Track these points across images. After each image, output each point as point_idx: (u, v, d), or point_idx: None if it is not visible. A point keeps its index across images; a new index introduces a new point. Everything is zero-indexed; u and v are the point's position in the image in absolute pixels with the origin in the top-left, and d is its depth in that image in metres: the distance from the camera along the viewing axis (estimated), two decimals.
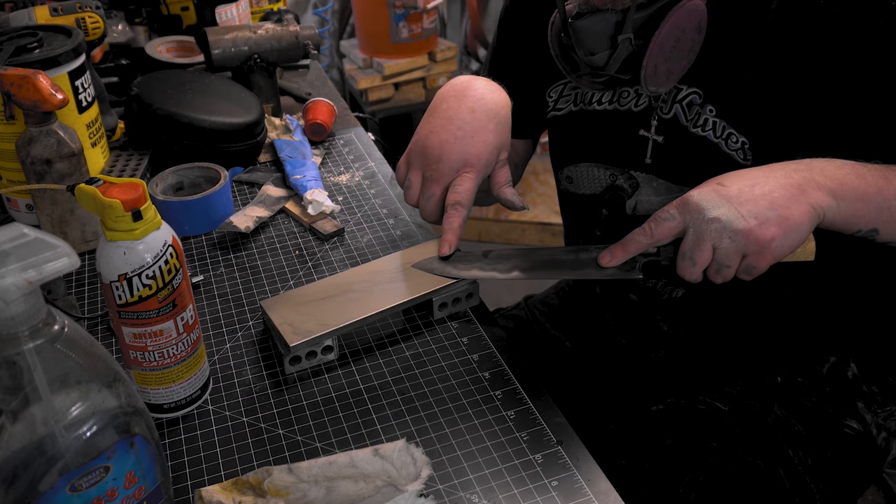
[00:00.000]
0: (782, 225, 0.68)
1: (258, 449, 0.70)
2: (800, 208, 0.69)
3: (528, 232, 2.78)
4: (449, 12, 3.30)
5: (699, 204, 0.70)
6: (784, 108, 0.79)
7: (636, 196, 0.91)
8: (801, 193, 0.69)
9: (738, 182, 0.70)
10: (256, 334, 0.85)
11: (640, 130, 0.89)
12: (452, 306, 0.85)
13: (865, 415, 0.90)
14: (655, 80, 0.80)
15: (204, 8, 1.40)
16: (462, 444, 0.69)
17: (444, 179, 0.85)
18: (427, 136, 0.87)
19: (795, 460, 0.86)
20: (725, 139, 0.83)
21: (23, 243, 0.45)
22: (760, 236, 0.68)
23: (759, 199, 0.69)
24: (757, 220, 0.68)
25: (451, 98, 0.88)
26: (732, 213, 0.68)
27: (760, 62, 0.80)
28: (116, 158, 1.15)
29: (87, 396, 0.51)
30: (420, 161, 0.87)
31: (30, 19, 1.12)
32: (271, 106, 1.30)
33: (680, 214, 0.71)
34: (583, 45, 0.81)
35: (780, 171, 0.71)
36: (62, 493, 0.50)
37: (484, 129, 0.86)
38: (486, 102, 0.87)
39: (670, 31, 0.77)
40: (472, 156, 0.84)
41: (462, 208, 0.84)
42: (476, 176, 0.85)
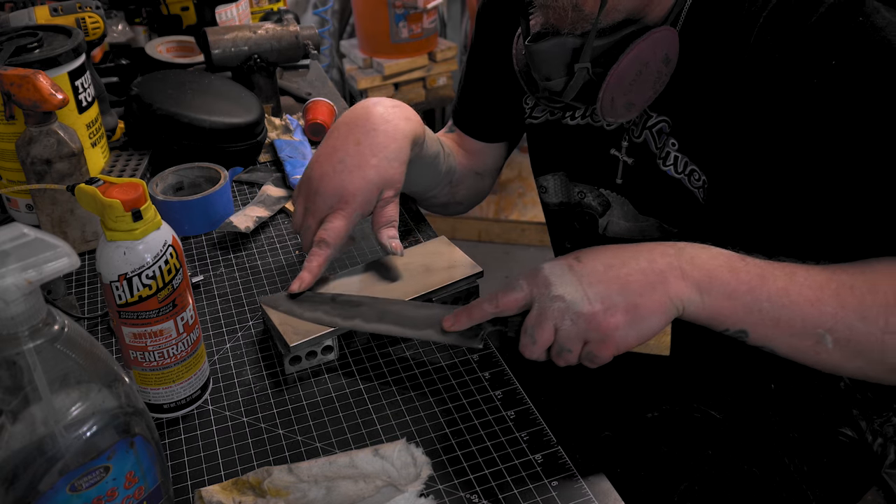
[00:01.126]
0: (630, 313, 0.63)
1: (258, 449, 0.70)
2: (654, 297, 0.64)
3: (528, 232, 2.78)
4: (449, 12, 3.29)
5: (548, 278, 0.66)
6: (742, 153, 0.75)
7: (608, 216, 0.89)
8: (661, 282, 0.64)
9: (595, 260, 0.66)
10: (256, 334, 0.85)
11: (612, 150, 0.86)
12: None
13: (860, 421, 0.90)
14: (613, 112, 0.76)
15: (204, 8, 1.41)
16: (462, 444, 0.69)
17: (319, 214, 0.81)
18: (313, 165, 0.84)
19: (791, 467, 0.86)
20: (688, 175, 0.79)
21: (23, 243, 0.45)
22: (603, 322, 0.63)
23: (611, 281, 0.64)
24: (602, 304, 0.63)
25: (342, 126, 0.84)
26: (578, 294, 0.64)
27: (726, 101, 0.75)
28: (116, 158, 1.15)
29: (87, 396, 0.51)
30: (304, 190, 0.84)
31: (30, 19, 1.12)
32: (271, 106, 1.30)
33: (528, 286, 0.67)
34: (538, 70, 0.77)
35: (645, 254, 0.66)
36: (62, 493, 0.50)
37: (364, 164, 0.80)
38: (376, 135, 0.82)
39: (630, 63, 0.73)
40: (347, 192, 0.80)
41: (326, 248, 0.80)
42: (351, 213, 0.80)
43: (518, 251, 2.78)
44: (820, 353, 0.66)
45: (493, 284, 0.74)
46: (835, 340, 0.64)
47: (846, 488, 0.91)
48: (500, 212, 2.83)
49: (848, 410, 0.90)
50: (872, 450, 0.90)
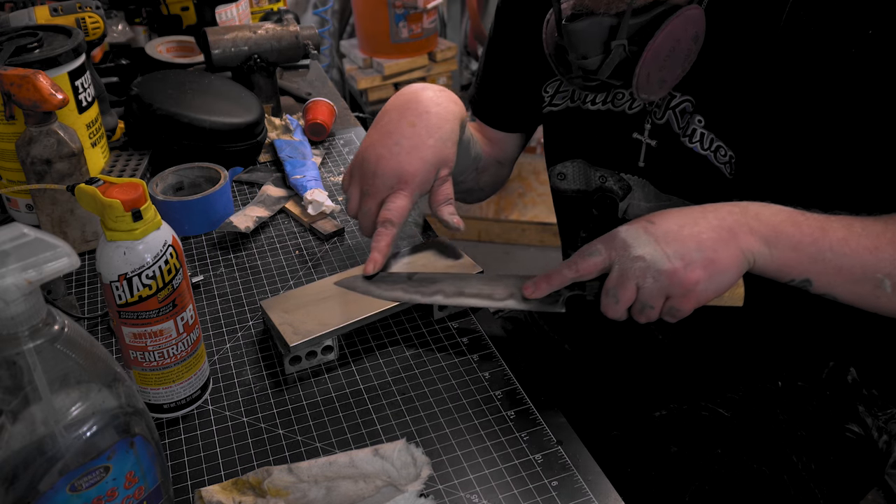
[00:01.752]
0: (708, 268, 0.67)
1: (258, 449, 0.70)
2: (728, 252, 0.67)
3: (528, 232, 2.78)
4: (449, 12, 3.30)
5: (626, 241, 0.69)
6: (772, 128, 0.78)
7: (628, 199, 0.91)
8: (732, 237, 0.68)
9: (668, 221, 0.69)
10: (256, 334, 0.85)
11: (634, 133, 0.88)
12: (453, 306, 0.85)
13: (866, 418, 0.90)
14: (648, 89, 0.79)
15: (204, 8, 1.41)
16: (462, 444, 0.69)
17: (379, 195, 0.82)
18: (367, 148, 0.84)
19: (799, 465, 0.86)
20: (714, 151, 0.81)
21: (23, 243, 0.45)
22: (685, 279, 0.67)
23: (686, 239, 0.67)
24: (682, 261, 0.67)
25: (393, 111, 0.86)
26: (658, 253, 0.67)
27: (755, 78, 0.78)
28: (116, 158, 1.15)
29: (87, 396, 0.51)
30: (359, 174, 0.84)
31: (30, 19, 1.12)
32: (271, 106, 1.30)
33: (606, 250, 0.70)
34: (575, 49, 0.80)
35: (712, 213, 0.69)
36: (62, 493, 0.50)
37: (422, 144, 0.82)
38: (430, 116, 0.84)
39: (666, 40, 0.75)
40: (406, 173, 0.81)
41: (392, 227, 0.81)
42: (411, 192, 0.82)
43: (518, 251, 2.78)
44: (879, 297, 0.70)
45: None
46: (893, 285, 0.69)
47: (852, 486, 0.91)
48: (500, 212, 2.83)
49: (854, 407, 0.90)
50: (878, 447, 0.90)
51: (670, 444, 0.87)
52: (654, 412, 0.92)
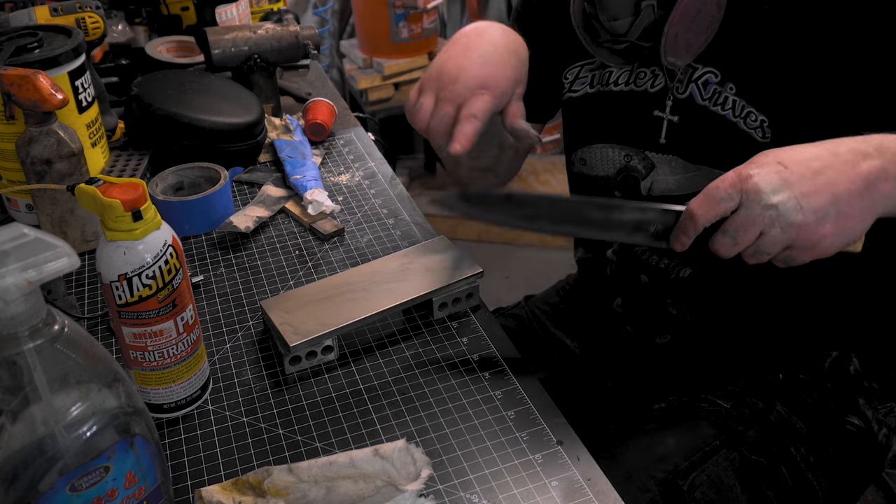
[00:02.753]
0: (839, 223, 0.65)
1: (258, 449, 0.70)
2: (862, 205, 0.65)
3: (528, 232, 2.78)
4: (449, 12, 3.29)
5: (758, 185, 0.65)
6: (804, 86, 0.79)
7: (651, 177, 0.91)
8: (868, 188, 0.65)
9: (801, 165, 0.66)
10: (256, 334, 0.85)
11: (655, 111, 0.89)
12: (452, 306, 0.85)
13: (867, 411, 0.90)
14: (675, 51, 0.81)
15: (204, 8, 1.40)
16: (462, 444, 0.69)
17: (458, 99, 0.80)
18: (444, 62, 0.83)
19: (798, 457, 0.86)
20: (744, 118, 0.83)
21: (23, 243, 0.45)
22: (814, 233, 0.65)
23: (822, 190, 0.64)
24: (815, 215, 0.64)
25: (470, 33, 0.87)
26: (792, 204, 0.64)
27: (780, 40, 0.80)
28: (116, 158, 1.15)
29: (87, 396, 0.51)
30: (434, 84, 0.82)
31: (30, 19, 1.12)
32: (271, 106, 1.30)
33: (738, 194, 0.66)
34: (606, 10, 0.82)
35: (848, 156, 0.66)
36: (62, 493, 0.50)
37: (504, 61, 0.83)
38: (508, 41, 0.86)
39: (692, 1, 0.78)
40: (490, 79, 0.80)
41: (476, 120, 0.78)
42: (491, 99, 0.80)
43: (518, 251, 2.78)
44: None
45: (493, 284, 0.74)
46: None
47: (852, 478, 0.91)
48: None
49: (854, 399, 0.90)
50: (877, 440, 0.90)
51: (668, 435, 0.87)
52: (653, 405, 0.92)
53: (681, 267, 0.92)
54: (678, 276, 0.92)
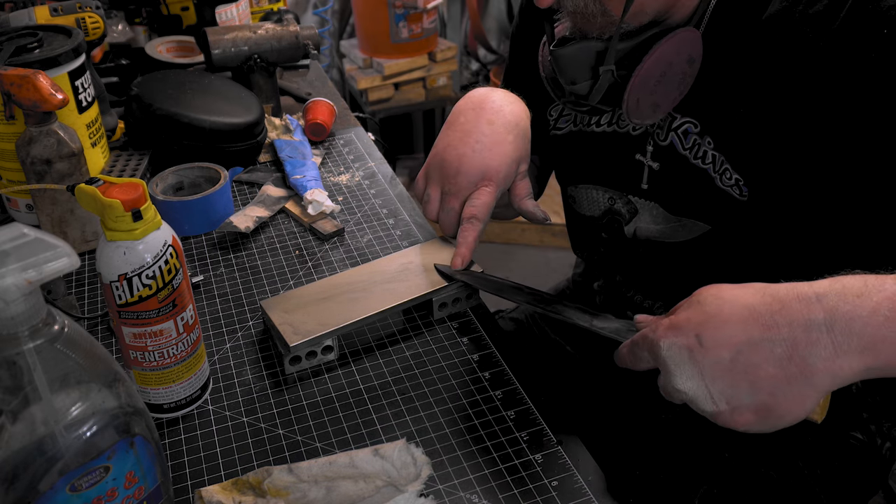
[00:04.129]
0: (761, 413, 0.56)
1: (258, 449, 0.70)
2: (792, 394, 0.55)
3: (528, 232, 2.78)
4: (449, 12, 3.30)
5: (667, 364, 0.59)
6: (779, 148, 0.74)
7: (635, 222, 0.89)
8: (803, 374, 0.55)
9: (721, 344, 0.57)
10: (256, 334, 0.85)
11: (637, 155, 0.86)
12: (452, 306, 0.85)
13: (870, 425, 0.90)
14: (639, 114, 0.77)
15: (204, 8, 1.40)
16: (462, 444, 0.69)
17: (463, 193, 0.84)
18: (445, 149, 0.85)
19: (805, 471, 0.86)
20: (721, 174, 0.79)
21: (23, 243, 0.45)
22: (730, 421, 0.57)
23: (738, 376, 0.56)
24: (729, 405, 0.57)
25: (468, 111, 0.87)
26: (701, 392, 0.57)
27: (753, 98, 0.75)
28: (116, 158, 1.15)
29: (87, 396, 0.51)
30: (438, 175, 0.86)
31: (30, 19, 1.12)
32: (271, 106, 1.30)
33: (653, 360, 0.62)
34: (564, 74, 0.78)
35: (784, 331, 0.55)
36: (62, 493, 0.50)
37: (502, 141, 0.84)
38: (505, 114, 0.86)
39: (654, 64, 0.73)
40: (490, 169, 0.83)
41: (478, 222, 0.83)
42: (494, 189, 0.83)
43: (518, 251, 2.78)
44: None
45: None
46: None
47: (855, 491, 0.91)
48: None
49: (859, 414, 0.90)
50: (881, 453, 0.90)
51: (677, 446, 0.87)
52: (660, 414, 0.92)
53: (662, 311, 0.91)
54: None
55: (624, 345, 0.67)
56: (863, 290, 0.55)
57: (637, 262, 0.92)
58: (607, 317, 0.73)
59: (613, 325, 0.71)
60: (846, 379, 0.55)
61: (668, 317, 0.62)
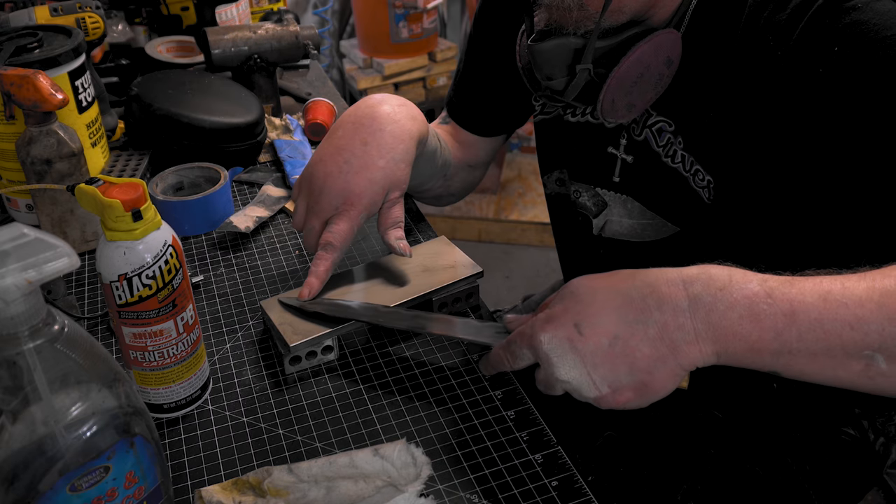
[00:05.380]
0: (639, 390, 0.61)
1: (258, 449, 0.70)
2: (664, 371, 0.60)
3: (528, 232, 2.78)
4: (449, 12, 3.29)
5: (549, 356, 0.62)
6: (750, 155, 0.75)
7: (604, 216, 0.88)
8: (671, 353, 0.59)
9: (598, 331, 0.60)
10: (256, 334, 0.85)
11: (609, 147, 0.85)
12: (452, 306, 0.85)
13: (862, 420, 0.90)
14: (613, 113, 0.76)
15: (204, 8, 1.41)
16: (462, 444, 0.69)
17: (324, 214, 0.80)
18: (316, 163, 0.82)
19: (794, 467, 0.86)
20: (693, 174, 0.79)
21: (23, 243, 0.45)
22: (612, 402, 0.62)
23: (616, 359, 0.60)
24: (610, 387, 0.61)
25: (348, 125, 0.83)
26: (584, 379, 0.61)
27: (724, 102, 0.75)
28: (116, 158, 1.15)
29: (87, 396, 0.51)
30: (306, 189, 0.83)
31: (30, 19, 1.12)
32: (271, 106, 1.30)
33: (533, 355, 0.65)
34: (540, 70, 0.77)
35: (655, 315, 0.59)
36: (62, 493, 0.50)
37: (372, 165, 0.79)
38: (383, 135, 0.81)
39: (632, 66, 0.73)
40: (353, 193, 0.79)
41: (333, 251, 0.79)
42: (357, 214, 0.79)
43: (518, 251, 2.78)
44: (874, 376, 0.58)
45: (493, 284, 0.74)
46: (888, 358, 0.57)
47: (848, 488, 0.91)
48: (500, 212, 2.83)
49: (850, 409, 0.90)
50: (874, 449, 0.90)
51: (663, 444, 0.87)
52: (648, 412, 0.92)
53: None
54: None
55: (499, 345, 0.69)
56: (726, 284, 0.59)
57: (600, 262, 0.92)
58: (473, 322, 0.75)
59: (482, 331, 0.74)
60: (703, 361, 0.60)
61: (542, 311, 0.65)
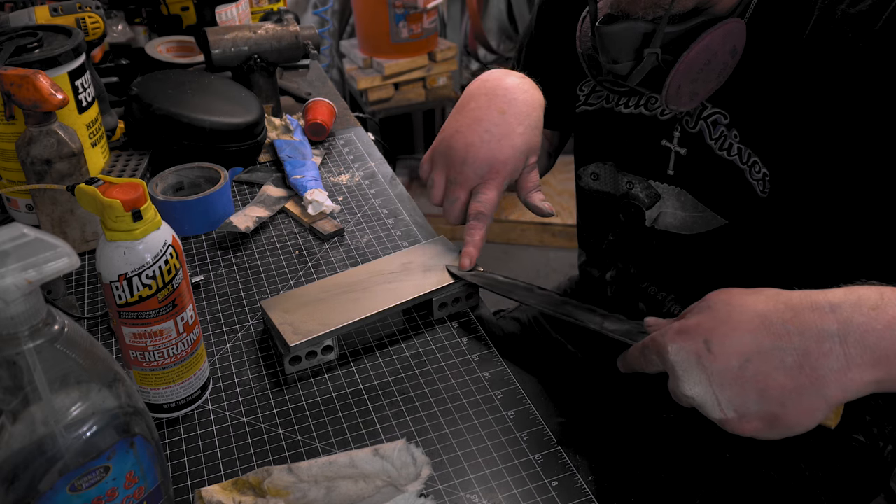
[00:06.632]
0: (769, 422, 0.56)
1: (258, 449, 0.70)
2: (802, 404, 0.55)
3: (528, 232, 2.78)
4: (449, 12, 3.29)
5: (675, 369, 0.60)
6: (808, 149, 0.73)
7: (658, 207, 0.88)
8: (814, 384, 0.54)
9: (730, 351, 0.57)
10: (256, 334, 0.85)
11: (663, 140, 0.85)
12: (452, 306, 0.85)
13: (873, 428, 0.90)
14: (677, 100, 0.76)
15: (204, 8, 1.41)
16: (462, 444, 0.69)
17: (469, 184, 0.82)
18: (453, 135, 0.83)
19: (807, 472, 0.86)
20: (750, 167, 0.78)
21: (23, 243, 0.45)
22: (738, 429, 0.58)
23: (746, 384, 0.56)
24: (736, 413, 0.57)
25: (480, 96, 0.85)
26: (709, 398, 0.58)
27: (787, 94, 0.74)
28: (116, 158, 1.15)
29: (87, 396, 0.51)
30: (444, 161, 0.84)
31: (30, 19, 1.12)
32: (271, 106, 1.30)
33: (662, 364, 0.63)
34: (607, 52, 0.77)
35: (796, 341, 0.55)
36: (62, 493, 0.50)
37: (513, 132, 0.82)
38: (518, 104, 0.83)
39: (700, 52, 0.72)
40: (498, 161, 0.81)
41: (485, 219, 0.82)
42: (502, 182, 0.82)
43: (518, 251, 2.78)
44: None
45: None
46: None
47: (857, 493, 0.91)
48: (500, 212, 2.83)
49: (861, 417, 0.90)
50: (883, 456, 0.90)
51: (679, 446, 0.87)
52: (661, 414, 0.92)
53: (674, 304, 0.91)
54: (670, 312, 0.91)
55: (634, 347, 0.68)
56: (879, 303, 0.55)
57: (652, 253, 0.91)
58: (617, 318, 0.74)
59: (623, 328, 0.72)
60: (857, 392, 0.55)
61: (679, 321, 0.62)
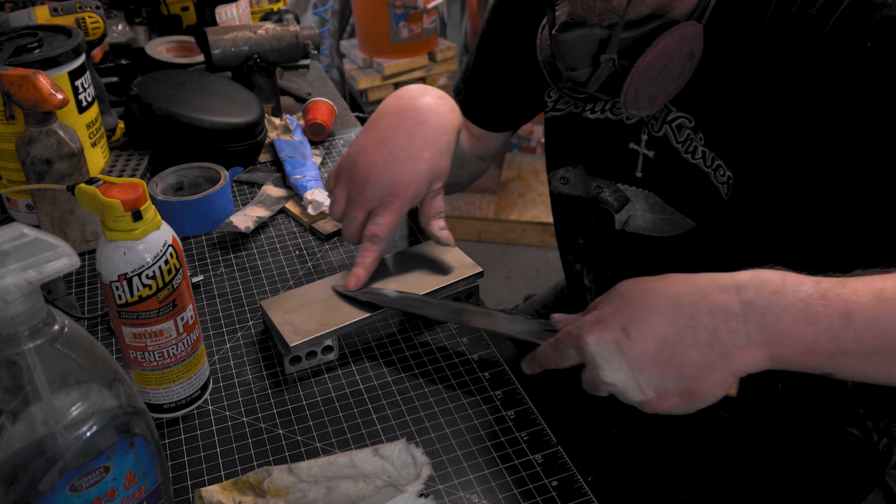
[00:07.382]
0: (685, 396, 0.60)
1: (258, 449, 0.70)
2: (713, 378, 0.59)
3: (528, 232, 2.78)
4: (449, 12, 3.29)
5: (594, 359, 0.62)
6: (771, 152, 0.74)
7: (627, 210, 0.88)
8: (722, 359, 0.59)
9: (647, 335, 0.60)
10: (256, 334, 0.85)
11: (631, 143, 0.85)
12: None
13: (867, 421, 0.90)
14: (636, 105, 0.76)
15: (204, 8, 1.41)
16: (462, 444, 0.69)
17: (368, 205, 0.81)
18: (359, 153, 0.82)
19: (799, 467, 0.86)
20: (714, 170, 0.79)
21: (23, 243, 0.45)
22: (657, 407, 0.61)
23: (664, 364, 0.59)
24: (656, 392, 0.60)
25: (391, 115, 0.83)
26: (630, 383, 0.61)
27: (747, 98, 0.75)
28: (116, 158, 1.15)
29: (87, 396, 0.51)
30: (347, 179, 0.83)
31: (30, 19, 1.12)
32: (271, 106, 1.30)
33: (580, 356, 0.64)
34: (564, 60, 0.77)
35: (706, 320, 0.59)
36: (62, 493, 0.50)
37: (418, 157, 0.80)
38: (427, 127, 0.81)
39: (656, 57, 0.73)
40: (399, 185, 0.79)
41: (380, 241, 0.80)
42: (401, 206, 0.80)
43: (518, 251, 2.78)
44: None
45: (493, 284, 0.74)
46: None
47: (851, 488, 0.91)
48: (500, 212, 2.83)
49: (854, 410, 0.90)
50: (878, 450, 0.90)
51: (669, 443, 0.87)
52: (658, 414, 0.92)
53: None
54: None
55: (546, 344, 0.69)
56: (780, 287, 0.59)
57: (624, 256, 0.92)
58: (520, 318, 0.75)
59: (527, 328, 0.73)
60: (755, 367, 0.59)
61: (591, 312, 0.65)
